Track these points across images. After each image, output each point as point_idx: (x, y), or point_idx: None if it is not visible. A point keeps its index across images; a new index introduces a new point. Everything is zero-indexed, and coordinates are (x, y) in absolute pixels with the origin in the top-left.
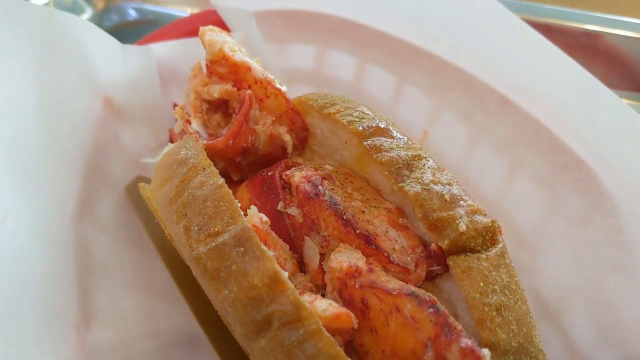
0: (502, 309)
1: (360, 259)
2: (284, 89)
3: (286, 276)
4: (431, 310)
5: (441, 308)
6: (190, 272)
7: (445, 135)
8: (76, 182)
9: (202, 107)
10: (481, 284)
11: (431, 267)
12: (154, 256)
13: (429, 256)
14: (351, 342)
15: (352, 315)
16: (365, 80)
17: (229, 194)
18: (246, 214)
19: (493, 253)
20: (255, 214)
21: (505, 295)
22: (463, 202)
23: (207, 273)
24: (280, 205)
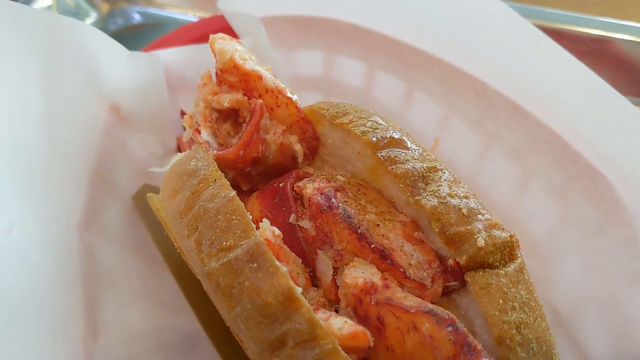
0: (521, 327)
1: (376, 275)
2: (295, 97)
3: (300, 293)
4: (450, 328)
5: (460, 327)
6: (199, 283)
7: (456, 142)
8: (82, 190)
9: (212, 116)
10: (500, 301)
11: (448, 282)
12: (161, 266)
13: (446, 271)
14: None
15: (368, 334)
16: (374, 87)
17: (241, 207)
18: (258, 227)
19: (512, 269)
20: (267, 228)
21: (524, 312)
22: (481, 216)
23: (219, 289)
24: (292, 218)
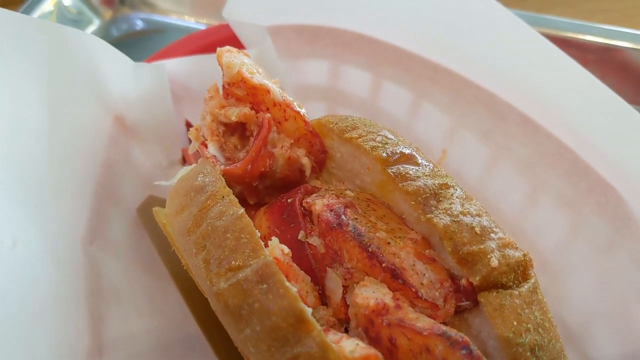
0: (536, 349)
1: (387, 295)
2: (303, 111)
3: (311, 314)
4: (464, 351)
5: (474, 350)
6: (205, 299)
7: (464, 154)
8: (86, 203)
9: (219, 129)
10: (514, 322)
11: (460, 302)
12: (166, 280)
13: (458, 291)
14: None
15: (380, 356)
16: (380, 97)
17: (250, 225)
18: (266, 244)
19: (525, 289)
20: (276, 246)
21: (539, 334)
22: (494, 235)
23: (228, 310)
24: (301, 235)
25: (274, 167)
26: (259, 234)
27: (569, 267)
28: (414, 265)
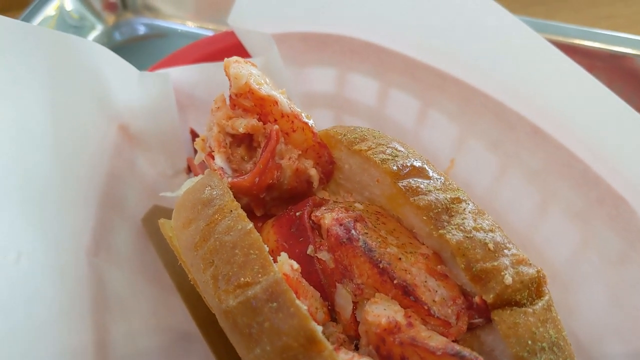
0: None
1: (399, 312)
2: (311, 122)
3: (321, 333)
4: None
5: None
6: (212, 314)
7: (472, 164)
8: (91, 214)
9: (226, 140)
10: (529, 341)
11: (473, 319)
12: (171, 291)
13: (470, 308)
14: None
15: None
16: (387, 105)
17: (259, 240)
18: (275, 259)
19: (539, 307)
20: (285, 261)
21: (553, 352)
22: (507, 251)
23: (237, 328)
24: (310, 249)
25: (281, 179)
26: (267, 249)
27: (580, 279)
28: (425, 281)
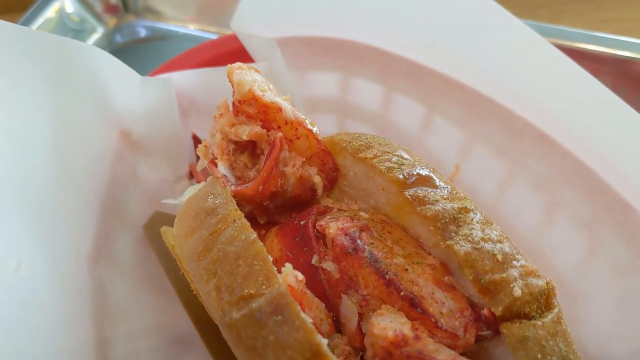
0: None
1: (405, 324)
2: (315, 129)
3: (327, 346)
4: None
5: None
6: (215, 325)
7: (478, 170)
8: (92, 221)
9: (229, 147)
10: (538, 355)
11: (480, 331)
12: (173, 299)
13: (478, 319)
14: None
15: None
16: (391, 110)
17: (263, 251)
18: (279, 269)
19: (549, 319)
20: (290, 272)
21: None
22: (516, 262)
23: (241, 341)
24: (314, 259)
25: (285, 186)
26: (271, 259)
27: (587, 288)
28: (433, 293)
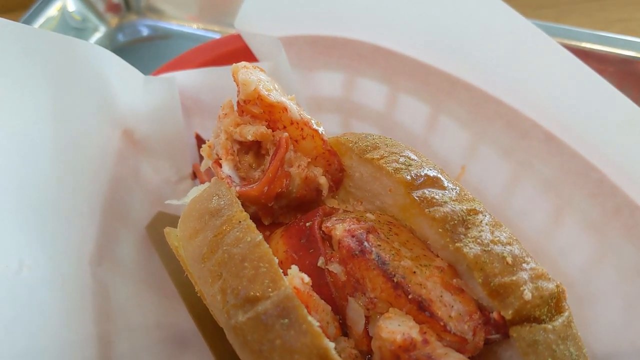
0: None
1: (414, 328)
2: (321, 130)
3: (334, 348)
4: None
5: None
6: (219, 327)
7: (484, 171)
8: (94, 222)
9: (233, 148)
10: (549, 359)
11: (489, 335)
12: (177, 302)
13: (487, 323)
14: None
15: None
16: (396, 110)
17: (268, 253)
18: (285, 271)
19: (559, 323)
20: (296, 275)
21: None
22: (526, 265)
23: (246, 345)
24: (320, 261)
25: (290, 187)
26: (277, 261)
27: (595, 291)
28: (441, 296)
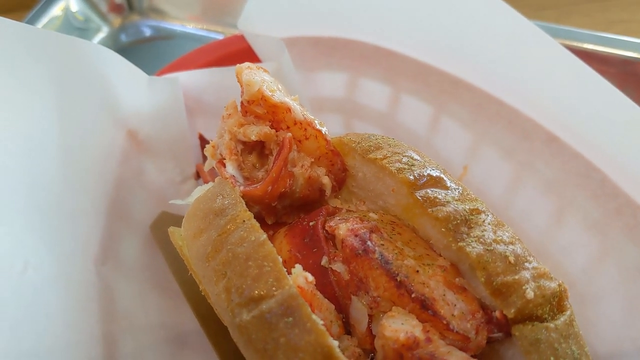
0: None
1: (417, 326)
2: (324, 130)
3: (338, 349)
4: None
5: None
6: (224, 326)
7: (486, 171)
8: (98, 222)
9: (237, 148)
10: (551, 358)
11: (492, 333)
12: (181, 300)
13: (490, 322)
14: None
15: None
16: (398, 111)
17: (273, 252)
18: (289, 270)
19: (561, 321)
20: (300, 274)
21: None
22: (528, 264)
23: (251, 344)
24: (324, 261)
25: (293, 187)
26: (281, 260)
27: (597, 291)
28: (444, 295)
